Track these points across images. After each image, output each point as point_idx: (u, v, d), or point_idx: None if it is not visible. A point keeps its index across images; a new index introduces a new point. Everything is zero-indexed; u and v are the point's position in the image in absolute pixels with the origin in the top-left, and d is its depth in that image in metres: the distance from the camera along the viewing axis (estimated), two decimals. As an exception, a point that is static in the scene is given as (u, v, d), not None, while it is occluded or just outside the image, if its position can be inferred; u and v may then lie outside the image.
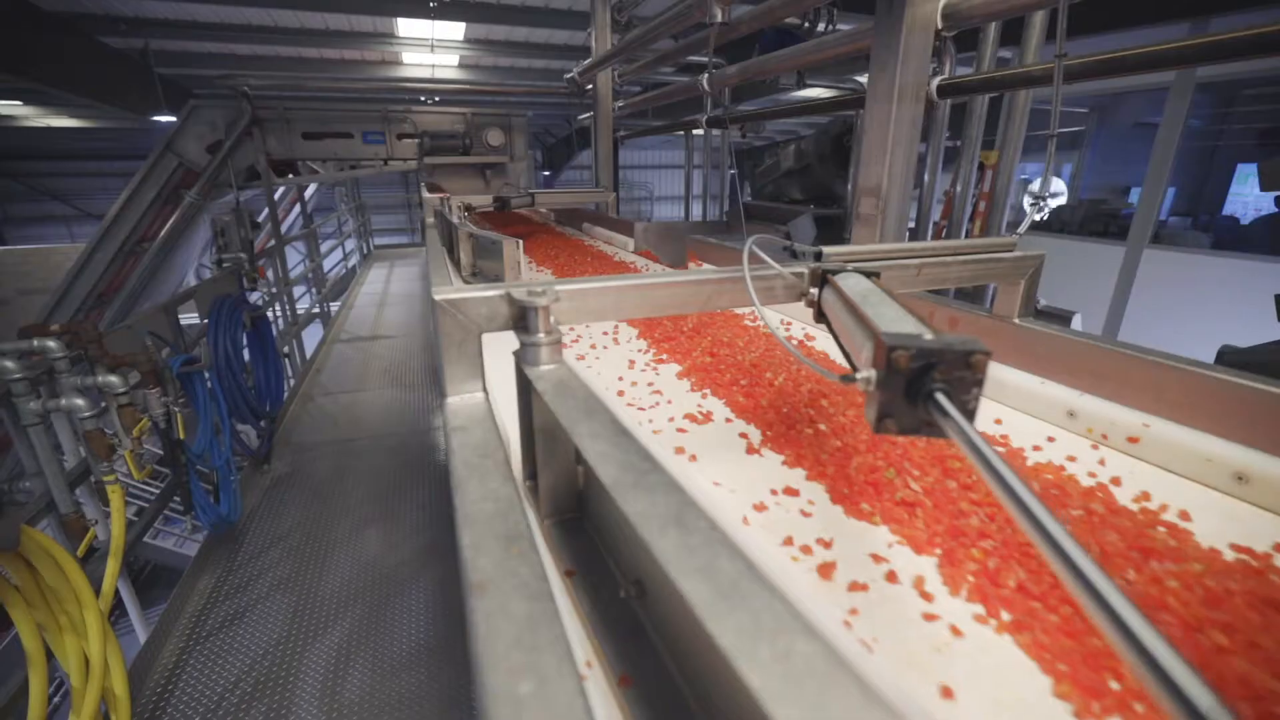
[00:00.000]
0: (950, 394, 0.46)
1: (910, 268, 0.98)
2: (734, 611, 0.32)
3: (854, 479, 0.83)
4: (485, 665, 0.35)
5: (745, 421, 1.06)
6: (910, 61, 1.45)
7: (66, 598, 1.50)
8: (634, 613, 0.58)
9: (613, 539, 0.65)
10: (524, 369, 0.69)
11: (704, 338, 1.46)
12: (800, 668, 0.28)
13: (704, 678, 0.48)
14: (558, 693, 0.33)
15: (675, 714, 0.49)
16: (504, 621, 0.38)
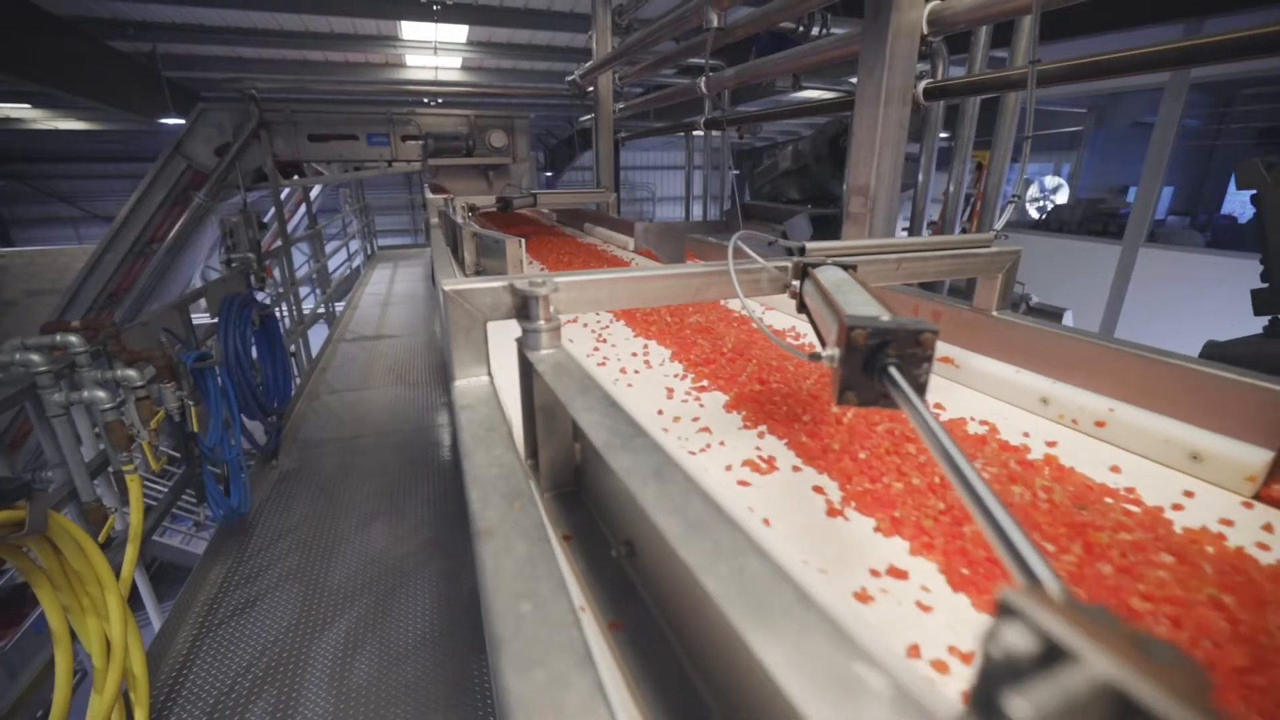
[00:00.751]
0: (902, 369, 0.52)
1: (890, 262, 1.04)
2: (700, 540, 0.38)
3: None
4: (491, 592, 0.41)
5: (818, 470, 0.91)
6: (897, 66, 1.51)
7: (89, 581, 1.57)
8: (625, 571, 0.65)
9: (606, 507, 0.71)
10: (526, 353, 0.76)
11: (748, 360, 1.34)
12: (750, 579, 0.34)
13: (685, 622, 0.54)
14: (553, 610, 0.39)
15: (660, 654, 0.55)
16: (508, 559, 0.45)
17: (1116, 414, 1.00)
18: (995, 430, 1.04)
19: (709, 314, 1.74)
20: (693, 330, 1.58)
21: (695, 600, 0.50)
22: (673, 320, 1.68)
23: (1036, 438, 1.02)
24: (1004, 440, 1.00)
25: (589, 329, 1.71)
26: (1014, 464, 0.90)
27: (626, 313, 1.81)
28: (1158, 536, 0.73)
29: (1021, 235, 5.93)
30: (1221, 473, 0.87)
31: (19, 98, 9.44)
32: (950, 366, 1.29)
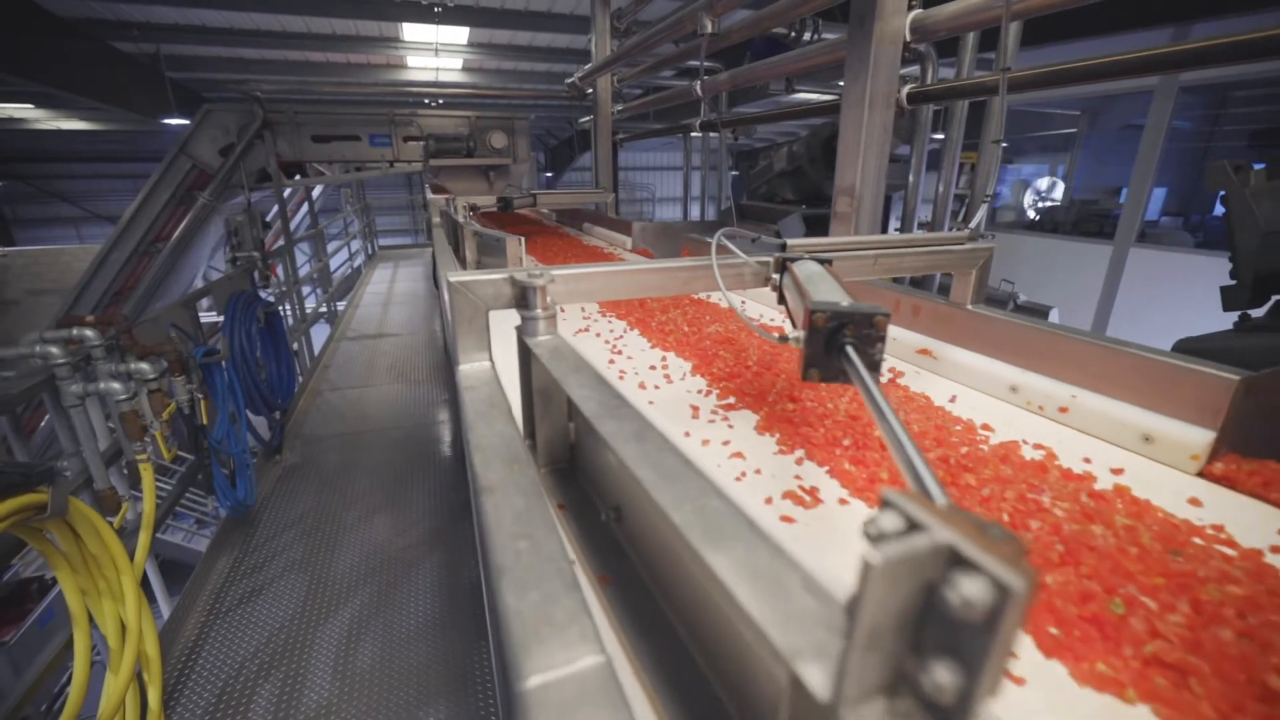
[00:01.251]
0: (858, 348, 0.59)
1: (867, 258, 1.10)
2: (671, 486, 0.45)
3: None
4: (492, 534, 0.48)
5: (868, 504, 0.82)
6: (880, 71, 1.57)
7: (105, 565, 1.64)
8: (613, 534, 0.71)
9: (597, 479, 0.78)
10: (525, 339, 0.82)
11: (775, 375, 1.24)
12: (709, 514, 0.41)
13: (664, 573, 0.61)
14: (545, 548, 0.46)
15: (642, 604, 0.62)
16: (507, 509, 0.51)
17: (1078, 400, 1.06)
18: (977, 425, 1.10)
19: (728, 323, 1.61)
20: (713, 341, 1.46)
21: (671, 549, 0.57)
22: (690, 330, 1.56)
23: (1012, 424, 1.08)
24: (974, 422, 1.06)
25: (602, 339, 1.59)
26: (1085, 498, 0.81)
27: (641, 321, 1.70)
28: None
29: (1015, 236, 6.01)
30: (1170, 453, 0.94)
31: (22, 98, 9.50)
32: (929, 358, 1.36)
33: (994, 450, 0.94)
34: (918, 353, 1.38)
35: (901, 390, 1.21)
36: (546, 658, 0.36)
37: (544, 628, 0.38)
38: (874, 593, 0.24)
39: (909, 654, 0.26)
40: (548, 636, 0.37)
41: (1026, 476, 0.85)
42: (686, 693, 0.51)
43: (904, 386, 1.24)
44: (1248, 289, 1.64)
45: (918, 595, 0.25)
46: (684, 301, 1.86)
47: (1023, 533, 0.73)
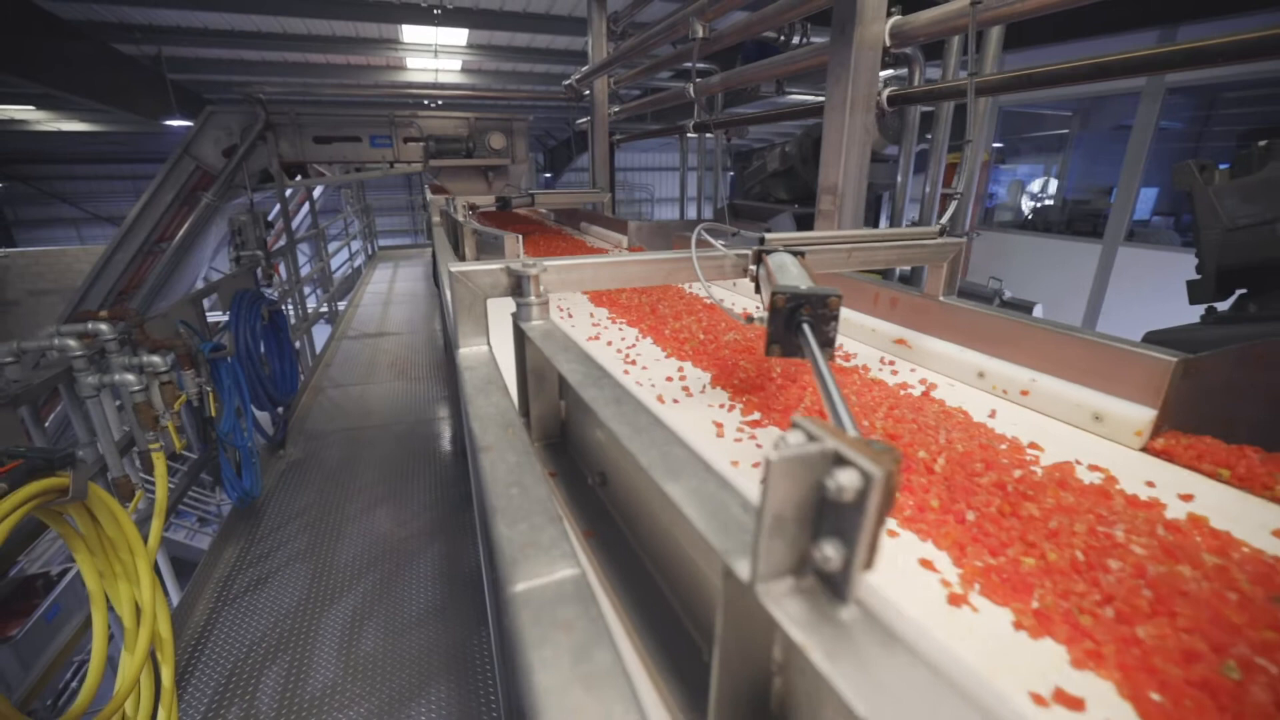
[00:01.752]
0: (814, 325, 0.66)
1: (841, 251, 1.18)
2: (641, 438, 0.52)
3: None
4: (487, 484, 0.56)
5: (920, 536, 0.74)
6: (861, 76, 1.65)
7: (121, 548, 1.71)
8: (599, 498, 0.79)
9: (585, 450, 0.85)
10: (520, 324, 0.90)
11: (802, 388, 1.14)
12: (671, 457, 0.49)
13: (642, 529, 0.68)
14: (534, 492, 0.53)
15: (623, 555, 0.69)
16: (501, 464, 0.59)
17: (1037, 383, 1.14)
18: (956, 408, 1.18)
19: (745, 331, 1.52)
20: (732, 350, 1.38)
21: (645, 504, 0.64)
22: (707, 339, 1.47)
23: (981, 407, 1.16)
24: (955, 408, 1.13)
25: (614, 348, 1.50)
26: (1161, 530, 0.72)
27: (654, 329, 1.61)
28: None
29: (1009, 235, 6.09)
30: (1117, 430, 1.02)
31: (24, 99, 9.56)
32: (904, 348, 1.43)
33: (1049, 473, 0.85)
34: (895, 342, 1.45)
35: (938, 404, 1.13)
36: (531, 570, 0.44)
37: (530, 549, 0.46)
38: (775, 487, 0.31)
39: (809, 540, 0.34)
40: (532, 555, 0.45)
41: (1091, 505, 0.77)
42: (647, 604, 0.59)
43: (940, 400, 1.15)
44: (1212, 282, 1.71)
45: (812, 491, 0.32)
46: (697, 307, 1.78)
47: (897, 447, 0.79)
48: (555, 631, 0.38)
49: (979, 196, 5.36)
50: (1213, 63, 1.23)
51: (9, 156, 14.81)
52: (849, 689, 0.28)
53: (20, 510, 1.33)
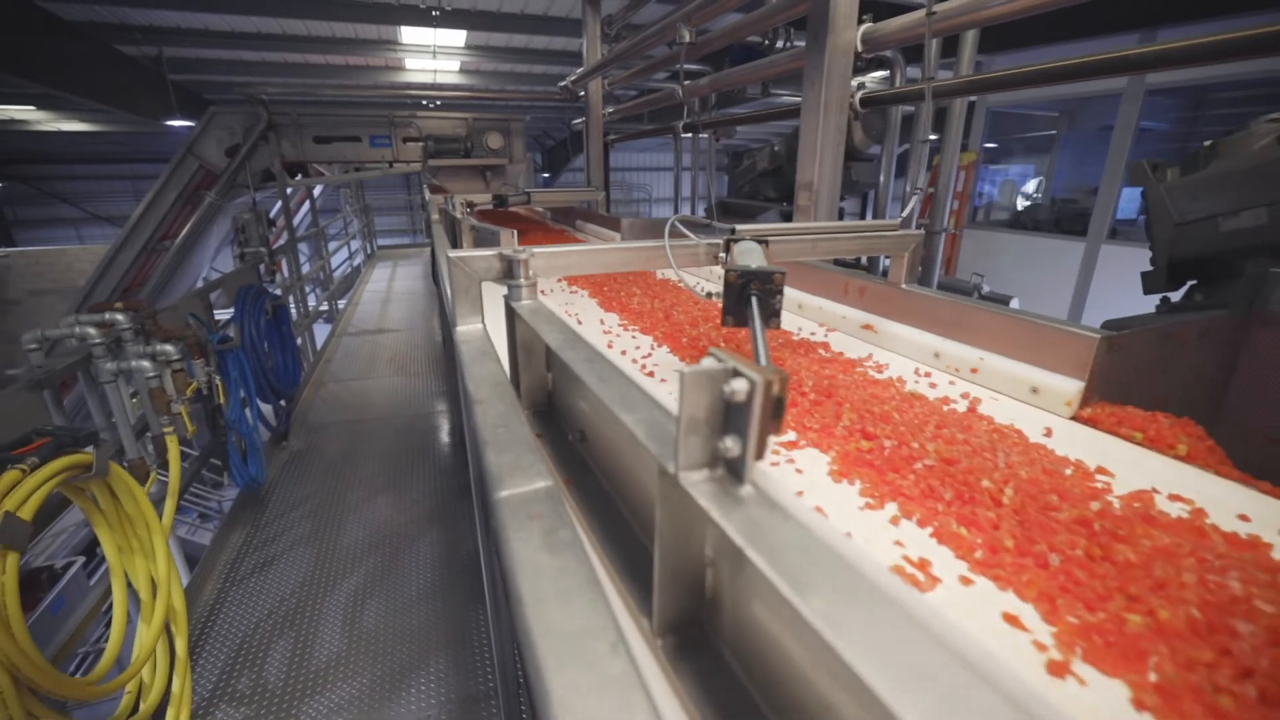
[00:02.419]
0: (760, 299, 0.77)
1: (806, 241, 1.29)
2: (607, 385, 0.63)
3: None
4: (479, 426, 0.67)
5: (998, 583, 0.63)
6: (834, 80, 1.76)
7: (139, 524, 1.82)
8: (580, 453, 0.90)
9: (567, 413, 0.96)
10: (511, 303, 1.01)
11: (839, 404, 1.02)
12: (629, 396, 0.60)
13: (616, 476, 0.79)
14: (518, 431, 0.64)
15: (601, 503, 0.80)
16: (491, 411, 0.70)
17: (985, 361, 1.25)
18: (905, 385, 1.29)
19: (771, 341, 1.38)
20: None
21: (616, 452, 0.75)
22: (729, 349, 1.40)
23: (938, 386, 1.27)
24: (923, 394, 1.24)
25: (628, 357, 1.40)
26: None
27: (670, 337, 1.49)
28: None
29: (994, 233, 6.22)
30: (1051, 401, 1.13)
31: (24, 99, 9.63)
32: (871, 333, 1.54)
33: (1127, 504, 0.75)
34: (863, 328, 1.56)
35: (986, 419, 1.04)
36: (513, 482, 0.55)
37: (512, 469, 0.57)
38: (688, 394, 0.42)
39: (716, 438, 0.44)
40: (515, 473, 0.56)
41: (1188, 544, 0.66)
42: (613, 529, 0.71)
43: (987, 416, 1.07)
44: (1163, 274, 1.82)
45: (716, 399, 0.43)
46: (713, 313, 1.66)
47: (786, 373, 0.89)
48: (529, 521, 0.49)
49: (966, 195, 5.49)
50: (1163, 66, 1.34)
51: (9, 156, 14.86)
52: (739, 537, 0.39)
53: (51, 483, 1.43)
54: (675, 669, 0.52)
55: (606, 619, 0.38)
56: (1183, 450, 0.97)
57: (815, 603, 0.33)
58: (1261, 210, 1.57)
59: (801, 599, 0.33)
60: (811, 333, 1.59)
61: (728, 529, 0.40)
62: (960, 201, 5.46)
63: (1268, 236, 1.58)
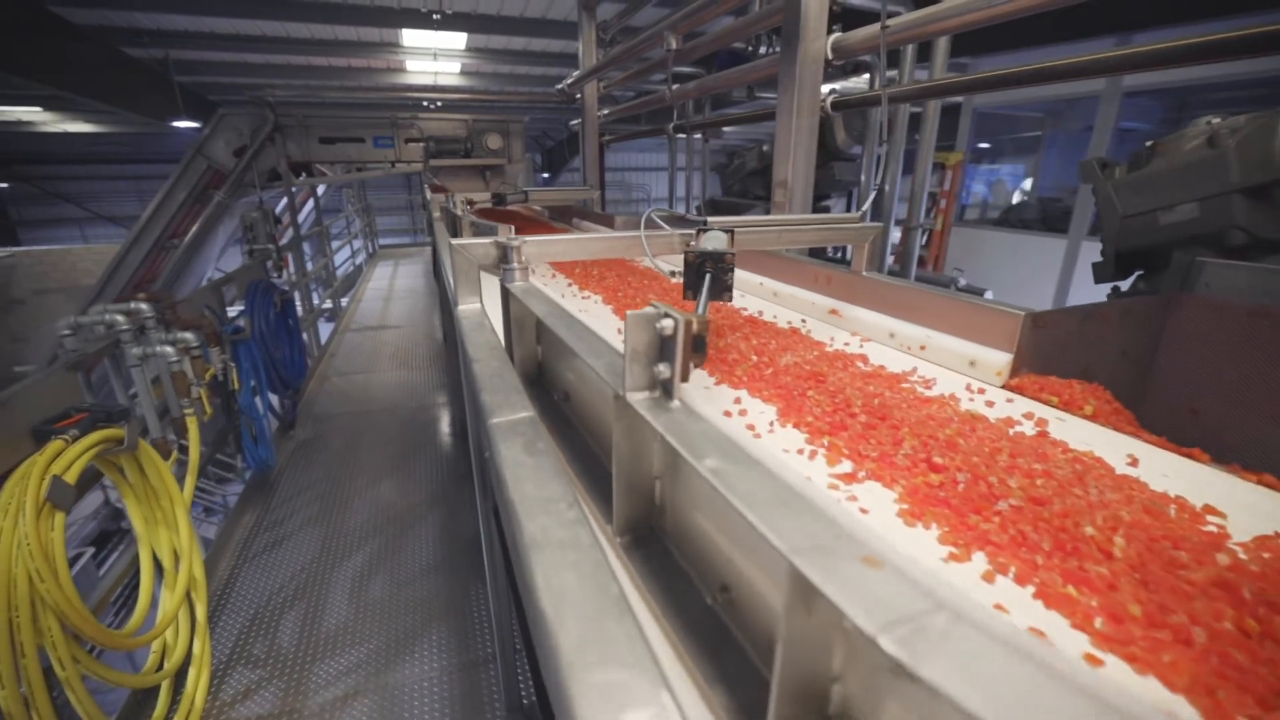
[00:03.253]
0: (714, 275, 0.92)
1: (771, 232, 1.43)
2: (581, 341, 0.78)
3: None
4: (476, 377, 0.81)
5: (1129, 663, 0.51)
6: (805, 85, 1.90)
7: (163, 497, 1.96)
8: (564, 412, 1.05)
9: (553, 379, 1.11)
10: (505, 285, 1.15)
11: (895, 426, 0.93)
12: (599, 350, 0.74)
13: (588, 420, 0.93)
14: (508, 379, 0.79)
15: (579, 446, 0.95)
16: (486, 367, 0.84)
17: (931, 339, 1.39)
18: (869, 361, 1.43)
19: (804, 351, 1.34)
20: (794, 377, 1.13)
21: (589, 402, 0.90)
22: (761, 361, 1.23)
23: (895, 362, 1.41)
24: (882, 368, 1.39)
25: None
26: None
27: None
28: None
29: (981, 231, 6.36)
30: (985, 372, 1.27)
31: (31, 101, 9.77)
32: (836, 316, 1.69)
33: (1255, 555, 0.63)
34: (829, 313, 1.71)
35: (1060, 445, 0.91)
36: (502, 413, 0.69)
37: (503, 405, 0.72)
38: (632, 332, 0.57)
39: (653, 366, 0.59)
40: (504, 407, 0.71)
41: None
42: (588, 463, 0.85)
43: (1060, 442, 0.93)
44: (1110, 264, 1.97)
45: (653, 335, 0.58)
46: (740, 322, 1.60)
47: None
48: (514, 437, 0.64)
49: (953, 194, 5.64)
50: (1111, 71, 1.47)
51: (14, 157, 14.98)
52: (663, 430, 0.54)
53: (89, 453, 1.58)
54: (630, 558, 0.67)
55: (567, 490, 0.53)
56: (1089, 410, 1.11)
57: (708, 463, 0.47)
58: (1194, 205, 1.72)
59: (698, 461, 0.47)
60: (845, 343, 1.49)
61: (656, 426, 0.54)
62: (948, 200, 5.61)
63: (1200, 229, 1.72)
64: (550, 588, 0.41)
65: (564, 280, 2.21)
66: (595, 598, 0.40)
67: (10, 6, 5.32)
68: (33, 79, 5.81)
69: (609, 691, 0.33)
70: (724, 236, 1.20)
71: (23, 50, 5.54)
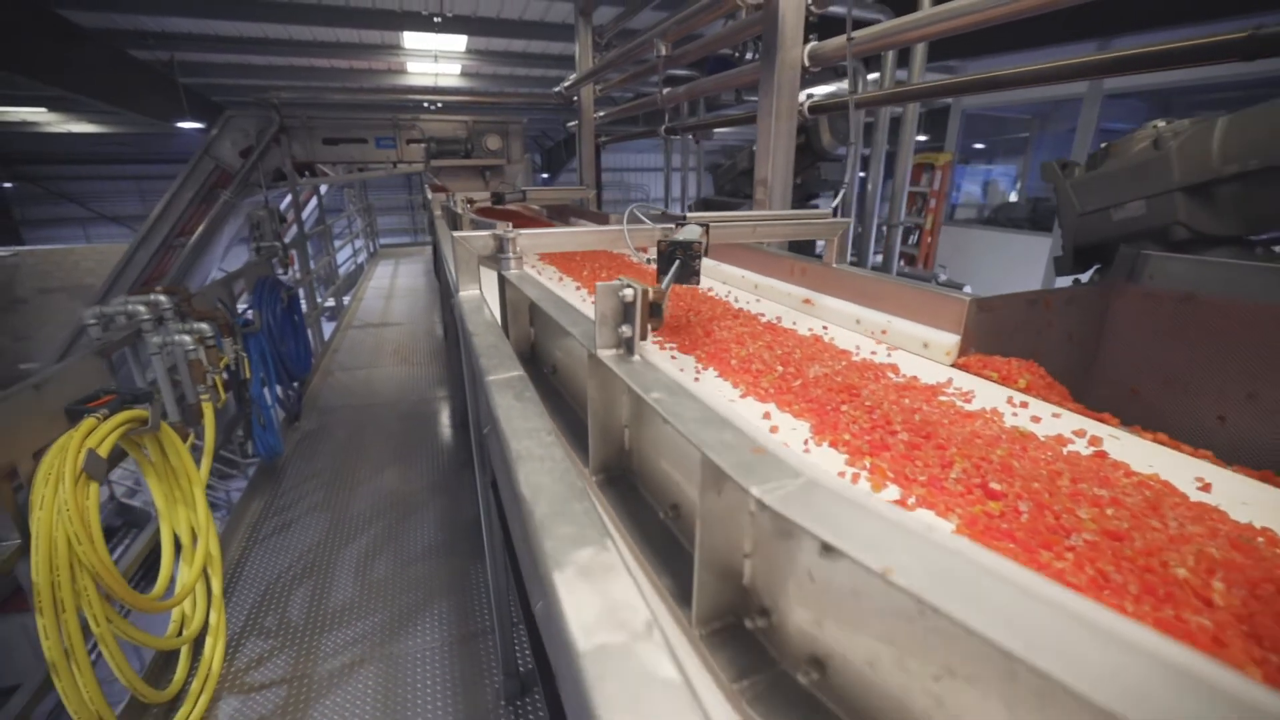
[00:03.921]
0: (683, 261, 1.05)
1: (746, 226, 1.57)
2: (562, 313, 0.91)
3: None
4: (475, 348, 0.94)
5: None
6: (784, 91, 2.03)
7: (181, 476, 2.09)
8: (554, 384, 1.18)
9: (543, 355, 1.24)
10: (501, 272, 1.29)
11: (941, 447, 0.84)
12: (577, 320, 0.88)
13: (577, 394, 1.07)
14: (502, 349, 0.92)
15: (569, 416, 1.08)
16: (484, 340, 0.98)
17: (892, 324, 1.53)
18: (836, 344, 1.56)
19: (833, 361, 1.28)
20: (825, 390, 1.07)
21: (570, 368, 1.03)
22: (788, 372, 1.17)
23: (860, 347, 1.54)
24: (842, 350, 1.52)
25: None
26: None
27: (715, 357, 1.27)
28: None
29: (971, 230, 6.50)
30: (936, 353, 1.40)
31: (36, 101, 9.90)
32: (810, 306, 1.82)
33: None
34: (803, 302, 1.84)
35: (1121, 467, 0.82)
36: (496, 372, 0.82)
37: (497, 367, 0.85)
38: (600, 300, 0.70)
39: (619, 328, 0.72)
40: (498, 368, 0.84)
41: None
42: (567, 415, 0.98)
43: (1122, 463, 0.83)
44: (1070, 258, 2.10)
45: (618, 302, 0.71)
46: (759, 330, 1.51)
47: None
48: (508, 387, 0.77)
49: (943, 194, 5.77)
50: (1074, 77, 1.60)
51: (17, 157, 15.09)
52: (623, 375, 0.67)
53: (118, 430, 1.71)
54: (603, 492, 0.80)
55: (547, 423, 0.66)
56: (1022, 384, 1.24)
57: (653, 395, 0.61)
58: (1141, 203, 1.85)
59: (645, 394, 0.61)
60: (872, 351, 1.42)
61: (619, 373, 0.68)
62: (937, 200, 5.74)
63: (1146, 225, 1.85)
64: (529, 483, 0.54)
65: (555, 271, 2.35)
66: (563, 490, 0.53)
67: (18, 9, 5.45)
68: (41, 80, 5.95)
69: (568, 539, 0.46)
70: (698, 229, 1.33)
71: (31, 52, 5.68)
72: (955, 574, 0.34)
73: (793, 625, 0.49)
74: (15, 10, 5.32)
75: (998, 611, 0.31)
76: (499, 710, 1.98)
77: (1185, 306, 1.49)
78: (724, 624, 0.55)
